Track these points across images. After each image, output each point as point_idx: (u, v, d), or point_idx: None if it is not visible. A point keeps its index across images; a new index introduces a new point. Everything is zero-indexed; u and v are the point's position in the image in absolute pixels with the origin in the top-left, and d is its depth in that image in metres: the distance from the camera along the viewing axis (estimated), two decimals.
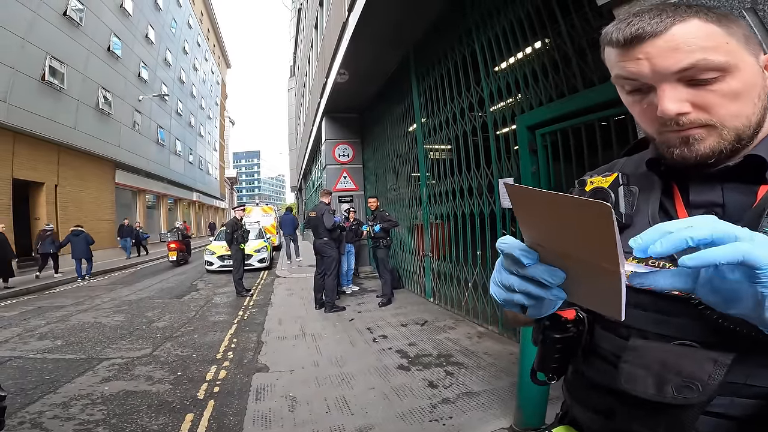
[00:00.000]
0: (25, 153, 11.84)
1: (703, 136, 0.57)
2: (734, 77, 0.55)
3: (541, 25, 3.52)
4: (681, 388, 0.54)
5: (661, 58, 0.56)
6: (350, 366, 3.78)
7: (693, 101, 0.56)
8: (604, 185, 0.70)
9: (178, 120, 26.00)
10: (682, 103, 0.56)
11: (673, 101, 0.56)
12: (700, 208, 0.61)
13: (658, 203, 0.66)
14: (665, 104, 0.56)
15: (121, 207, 18.24)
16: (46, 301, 7.98)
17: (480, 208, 4.69)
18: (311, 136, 14.19)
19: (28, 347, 4.73)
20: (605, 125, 2.97)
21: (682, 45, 0.55)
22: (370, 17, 5.35)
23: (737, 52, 0.56)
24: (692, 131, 0.57)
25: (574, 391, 0.73)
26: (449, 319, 5.20)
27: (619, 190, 0.68)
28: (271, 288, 8.44)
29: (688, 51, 0.55)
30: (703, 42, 0.55)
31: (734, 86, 0.55)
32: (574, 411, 0.74)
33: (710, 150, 0.57)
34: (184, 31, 26.99)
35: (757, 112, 0.57)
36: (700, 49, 0.54)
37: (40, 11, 11.94)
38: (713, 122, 0.56)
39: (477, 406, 2.90)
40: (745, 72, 0.56)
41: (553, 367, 0.70)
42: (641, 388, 0.57)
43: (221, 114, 42.72)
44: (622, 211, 0.67)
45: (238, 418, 2.90)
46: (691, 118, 0.57)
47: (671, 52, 0.55)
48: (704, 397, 0.53)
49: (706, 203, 0.61)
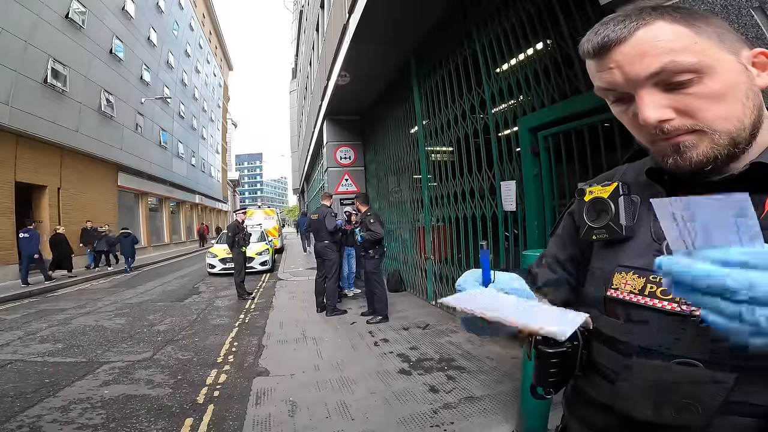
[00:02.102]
0: (28, 156, 11.85)
1: (694, 142, 0.54)
2: (711, 78, 0.53)
3: (543, 26, 3.50)
4: (680, 410, 0.53)
5: (630, 64, 0.54)
6: (351, 370, 3.75)
7: (674, 107, 0.54)
8: (603, 195, 0.68)
9: (180, 122, 26.05)
10: (662, 110, 0.54)
11: (652, 108, 0.54)
12: None
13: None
14: (645, 112, 0.54)
15: (124, 210, 18.27)
16: (48, 304, 7.98)
17: (482, 210, 4.66)
18: (313, 138, 14.19)
19: (29, 350, 4.72)
20: (608, 127, 2.94)
21: (649, 49, 0.53)
22: (370, 19, 5.34)
23: (709, 50, 0.53)
24: (681, 138, 0.55)
25: (572, 407, 0.72)
26: (451, 322, 5.17)
27: (620, 200, 0.66)
28: (273, 291, 8.42)
29: (655, 55, 0.53)
30: (670, 44, 0.53)
31: (713, 87, 0.53)
32: (572, 426, 0.72)
33: (704, 157, 0.54)
34: (186, 34, 27.07)
35: (749, 112, 0.54)
36: (667, 51, 0.52)
37: (42, 14, 11.97)
38: (700, 127, 0.54)
39: (479, 411, 2.87)
40: (722, 71, 0.53)
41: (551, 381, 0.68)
42: (639, 408, 0.56)
43: (223, 116, 42.79)
44: (623, 222, 0.65)
45: (238, 423, 2.88)
46: (675, 124, 0.54)
47: (639, 57, 0.54)
48: (704, 418, 0.51)
49: None
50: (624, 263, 0.63)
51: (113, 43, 16.44)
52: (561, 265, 0.79)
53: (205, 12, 36.36)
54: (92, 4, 14.67)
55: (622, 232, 0.64)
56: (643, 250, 0.62)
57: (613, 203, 0.66)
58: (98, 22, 15.20)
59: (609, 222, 0.66)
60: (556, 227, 0.84)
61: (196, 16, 30.56)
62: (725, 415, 0.51)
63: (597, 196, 0.69)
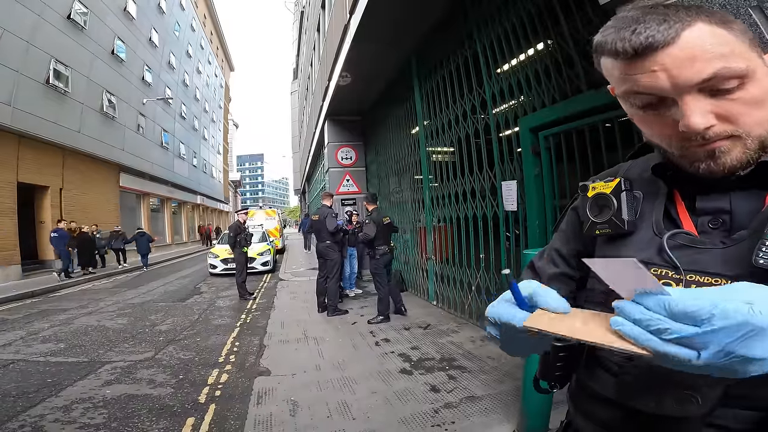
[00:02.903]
0: (30, 156, 11.89)
1: (729, 147, 0.54)
2: (753, 83, 0.52)
3: (543, 26, 3.50)
4: (681, 401, 0.53)
5: (679, 69, 0.51)
6: (352, 370, 3.76)
7: (716, 112, 0.53)
8: (606, 191, 0.68)
9: (182, 123, 26.08)
10: (707, 116, 0.52)
11: (700, 115, 0.52)
12: (706, 215, 0.60)
13: (663, 210, 0.64)
14: (692, 119, 0.52)
15: (126, 210, 18.29)
16: (50, 304, 8.00)
17: (483, 211, 4.67)
18: (314, 139, 14.21)
19: (31, 350, 4.74)
20: (609, 126, 2.94)
21: (699, 54, 0.51)
22: (371, 19, 5.34)
23: (746, 54, 0.52)
24: (717, 144, 0.54)
25: (577, 401, 0.72)
26: (452, 322, 5.17)
27: (622, 195, 0.66)
28: (274, 291, 8.42)
29: (706, 60, 0.51)
30: (719, 49, 0.51)
31: (754, 93, 0.52)
32: (576, 422, 0.73)
33: (737, 162, 0.54)
34: (187, 35, 27.10)
35: None
36: (718, 56, 0.51)
37: (44, 15, 12.00)
38: (739, 133, 0.53)
39: (480, 410, 2.87)
40: (760, 76, 0.53)
41: (557, 375, 0.68)
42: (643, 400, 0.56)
43: (225, 117, 42.84)
44: (625, 218, 0.65)
45: (239, 423, 2.88)
46: (716, 130, 0.53)
47: (689, 61, 0.51)
48: (704, 409, 0.52)
49: (713, 210, 0.59)
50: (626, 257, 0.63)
51: (115, 43, 16.47)
52: (564, 259, 0.80)
53: (206, 13, 36.41)
54: (94, 4, 14.71)
55: (625, 226, 0.65)
56: (645, 244, 0.62)
57: (615, 198, 0.67)
58: (100, 23, 15.24)
59: (611, 217, 0.66)
60: (560, 222, 0.85)
61: (198, 16, 30.61)
62: (726, 408, 0.52)
63: (600, 192, 0.69)
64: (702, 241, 0.58)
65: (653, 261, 0.60)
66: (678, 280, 0.57)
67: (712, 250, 0.56)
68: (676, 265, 0.57)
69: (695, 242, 0.58)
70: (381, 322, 5.35)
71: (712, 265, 0.55)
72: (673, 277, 0.57)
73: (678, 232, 0.60)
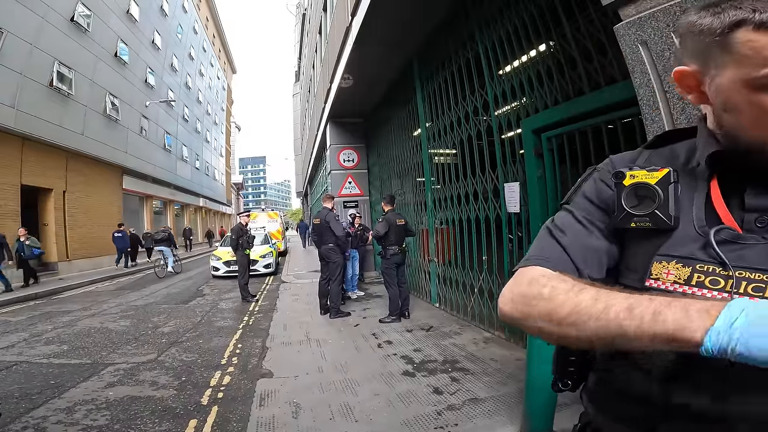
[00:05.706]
0: (33, 159, 11.93)
1: None
2: None
3: (545, 28, 3.50)
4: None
5: None
6: (355, 372, 3.75)
7: None
8: (650, 181, 0.63)
9: (184, 126, 26.17)
10: None
11: None
12: (754, 212, 0.57)
13: (704, 205, 0.61)
14: None
15: (129, 213, 18.34)
16: (53, 306, 8.02)
17: (485, 212, 4.66)
18: (316, 141, 14.22)
19: (34, 352, 4.75)
20: (612, 128, 2.93)
21: None
22: (373, 21, 5.35)
23: None
24: None
25: (599, 401, 0.69)
26: (455, 324, 5.16)
27: (670, 188, 0.62)
28: (277, 293, 8.42)
29: None
30: None
31: None
32: (598, 422, 0.70)
33: None
34: (189, 37, 27.21)
35: None
36: None
37: (47, 17, 12.07)
38: None
39: (483, 412, 2.86)
40: None
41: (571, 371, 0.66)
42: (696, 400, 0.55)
43: (227, 119, 42.96)
44: (672, 213, 0.61)
45: (242, 425, 2.88)
46: None
47: None
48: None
49: (763, 208, 0.57)
50: (665, 252, 0.61)
51: (118, 46, 16.56)
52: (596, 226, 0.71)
53: (209, 15, 36.55)
54: (97, 7, 14.79)
55: (671, 222, 0.61)
56: (686, 239, 0.60)
57: (662, 190, 0.62)
58: (103, 26, 15.32)
59: (655, 210, 0.62)
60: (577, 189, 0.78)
61: (200, 19, 30.74)
62: None
63: (642, 181, 0.64)
64: (745, 236, 0.56)
65: (697, 257, 0.58)
66: (726, 277, 0.55)
67: (756, 246, 0.55)
68: (724, 261, 0.55)
69: (739, 238, 0.56)
70: (392, 321, 5.43)
71: (760, 261, 0.54)
72: (721, 274, 0.56)
73: (722, 228, 0.58)
